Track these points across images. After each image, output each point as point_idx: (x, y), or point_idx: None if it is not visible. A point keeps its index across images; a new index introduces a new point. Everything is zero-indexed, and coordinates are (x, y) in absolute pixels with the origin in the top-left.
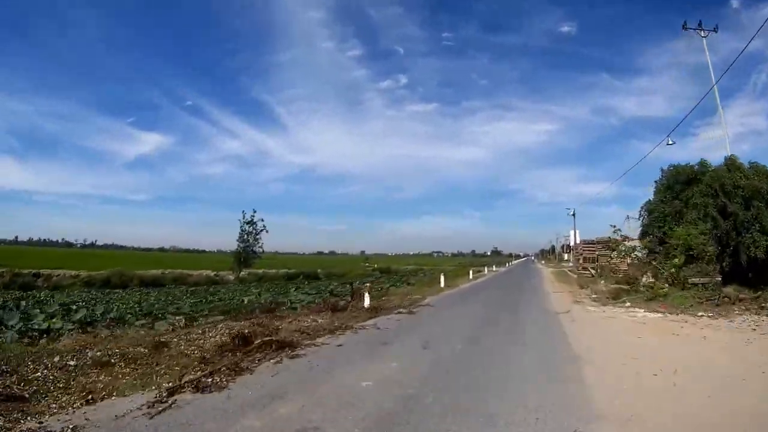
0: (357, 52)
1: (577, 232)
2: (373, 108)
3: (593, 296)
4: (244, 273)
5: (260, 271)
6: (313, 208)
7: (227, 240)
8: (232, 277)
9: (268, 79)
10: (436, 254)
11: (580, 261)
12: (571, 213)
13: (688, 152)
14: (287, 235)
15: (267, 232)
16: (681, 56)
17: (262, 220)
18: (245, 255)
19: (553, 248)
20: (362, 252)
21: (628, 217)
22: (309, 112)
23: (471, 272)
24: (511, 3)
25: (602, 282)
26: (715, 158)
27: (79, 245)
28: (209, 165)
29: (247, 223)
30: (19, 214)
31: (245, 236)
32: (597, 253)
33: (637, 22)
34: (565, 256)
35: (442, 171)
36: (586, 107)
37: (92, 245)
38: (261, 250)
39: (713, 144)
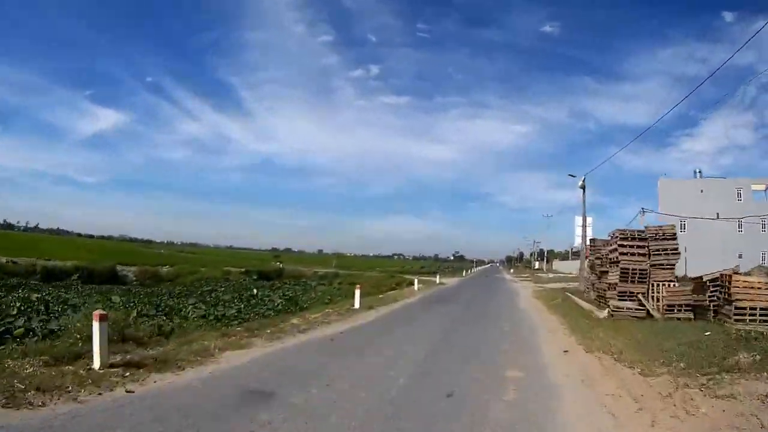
0: (328, 38)
1: (589, 223)
2: (343, 98)
3: None
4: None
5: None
6: (274, 201)
7: (184, 230)
8: None
9: (234, 60)
10: (396, 257)
11: (600, 274)
12: (580, 184)
13: (665, 163)
14: (244, 228)
15: None
16: (665, 64)
17: None
18: None
19: (521, 255)
20: (319, 251)
21: (643, 210)
22: (275, 98)
23: (413, 283)
24: None
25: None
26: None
27: (22, 228)
28: (168, 148)
29: None
30: None
31: None
32: (649, 261)
33: (622, 28)
34: (536, 265)
35: (411, 169)
36: (564, 110)
37: (35, 229)
38: None
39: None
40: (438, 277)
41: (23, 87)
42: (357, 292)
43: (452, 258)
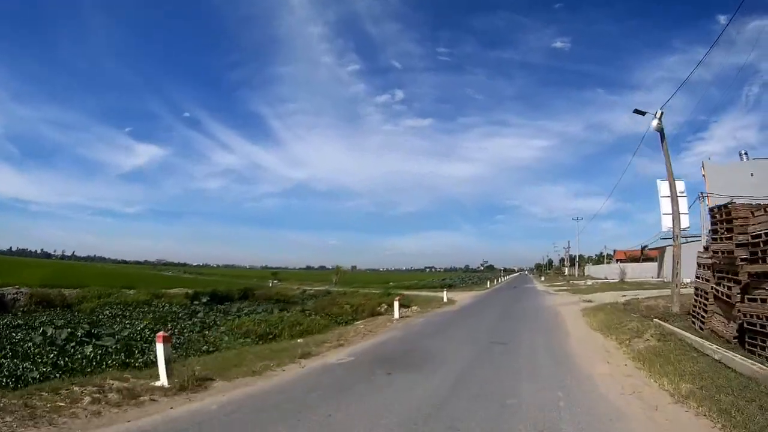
0: (356, 66)
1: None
2: (370, 123)
3: None
4: None
5: None
6: (307, 222)
7: (219, 253)
8: None
9: (266, 92)
10: (428, 269)
11: (753, 279)
12: (655, 125)
13: (681, 168)
14: (278, 249)
15: None
16: (675, 72)
17: None
18: None
19: (550, 262)
20: (353, 267)
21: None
22: (306, 127)
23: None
24: (507, 19)
25: None
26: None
27: (58, 256)
28: (204, 179)
29: None
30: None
31: None
32: None
33: (628, 39)
34: (565, 270)
35: (438, 186)
36: (581, 123)
37: (71, 257)
38: None
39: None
40: (446, 293)
41: (65, 125)
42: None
43: (481, 268)
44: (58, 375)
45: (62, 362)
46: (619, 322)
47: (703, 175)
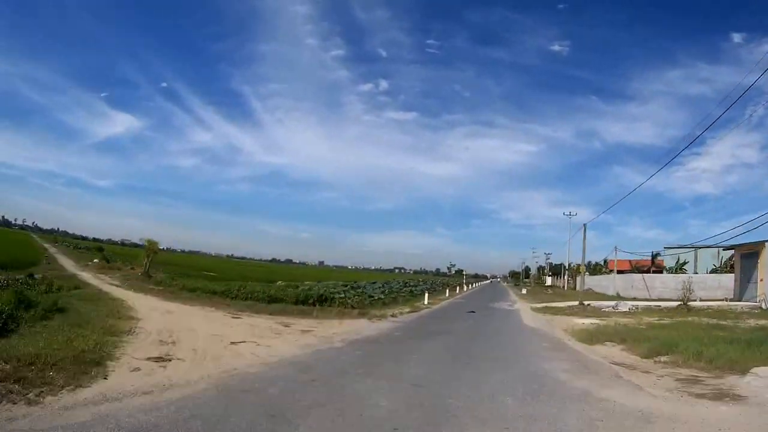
0: (340, 52)
1: None
2: (351, 112)
3: None
4: None
5: None
6: (279, 212)
7: (186, 237)
8: None
9: (247, 70)
10: (397, 270)
11: None
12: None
13: (670, 182)
14: (247, 238)
15: None
16: (674, 86)
17: None
18: None
19: (527, 270)
20: (321, 262)
21: None
22: (285, 110)
23: None
24: (504, 16)
25: None
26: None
27: (18, 226)
28: (177, 156)
29: None
30: None
31: None
32: None
33: (631, 48)
34: (547, 280)
35: (416, 185)
36: (570, 129)
37: (33, 228)
38: None
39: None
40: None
41: (41, 84)
42: None
43: (452, 272)
44: None
45: None
46: None
47: None
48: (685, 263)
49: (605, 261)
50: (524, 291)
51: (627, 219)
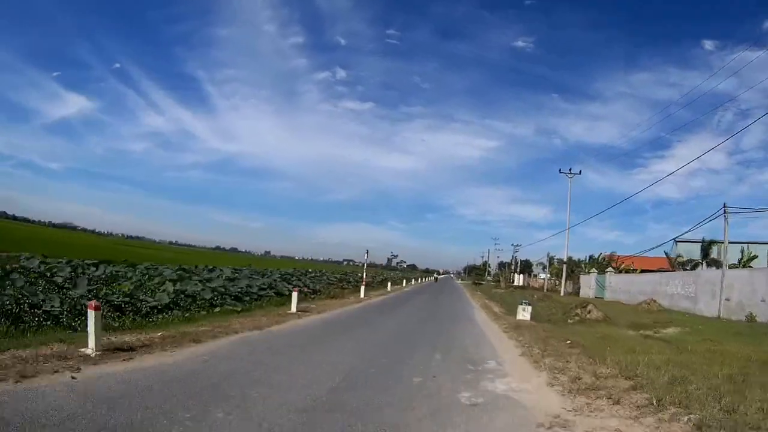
0: (299, 39)
1: None
2: (308, 101)
3: None
4: None
5: None
6: (229, 200)
7: (133, 223)
8: None
9: (203, 54)
10: (347, 262)
11: None
12: None
13: (631, 183)
14: (197, 225)
15: None
16: (638, 89)
17: None
18: None
19: (485, 265)
20: (267, 252)
21: None
22: (240, 96)
23: None
24: (468, 10)
25: None
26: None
27: None
28: (128, 140)
29: None
30: None
31: None
32: None
33: (596, 48)
34: (515, 279)
35: (371, 176)
36: (531, 126)
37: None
38: None
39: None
40: None
41: None
42: None
43: (404, 265)
44: None
45: None
46: None
47: None
48: (753, 257)
49: (604, 258)
50: (485, 301)
51: (588, 221)
